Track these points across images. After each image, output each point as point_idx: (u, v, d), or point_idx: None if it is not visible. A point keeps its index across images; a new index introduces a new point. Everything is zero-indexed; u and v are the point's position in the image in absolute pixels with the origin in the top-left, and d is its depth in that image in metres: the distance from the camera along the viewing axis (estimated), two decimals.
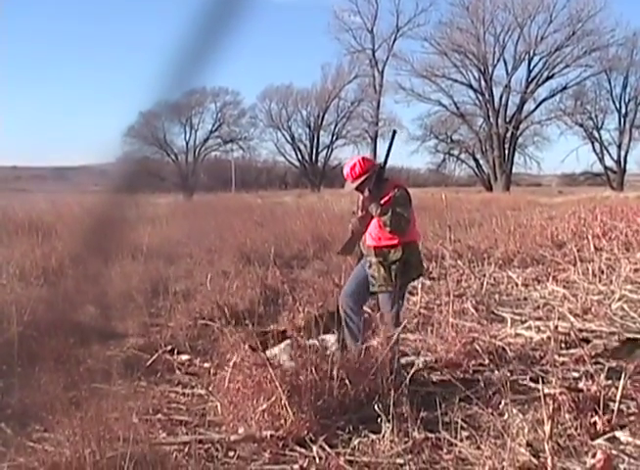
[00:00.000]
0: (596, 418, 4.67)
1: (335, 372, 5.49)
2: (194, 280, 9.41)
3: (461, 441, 4.91)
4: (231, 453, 4.90)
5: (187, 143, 68.67)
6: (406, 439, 4.94)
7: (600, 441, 4.90)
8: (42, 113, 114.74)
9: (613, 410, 5.21)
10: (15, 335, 6.60)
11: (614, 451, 4.63)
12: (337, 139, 71.34)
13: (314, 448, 4.89)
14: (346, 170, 6.37)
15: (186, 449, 4.83)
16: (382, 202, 6.22)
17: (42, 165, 72.69)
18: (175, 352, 7.29)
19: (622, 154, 62.48)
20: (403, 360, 6.60)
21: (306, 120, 71.70)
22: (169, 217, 18.26)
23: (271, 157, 75.54)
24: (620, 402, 5.35)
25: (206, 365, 6.72)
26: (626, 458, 4.62)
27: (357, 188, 6.35)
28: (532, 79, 61.20)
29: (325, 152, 71.60)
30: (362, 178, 6.29)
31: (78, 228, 11.20)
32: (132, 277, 10.21)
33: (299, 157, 71.64)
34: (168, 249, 13.17)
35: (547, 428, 3.17)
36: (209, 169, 71.56)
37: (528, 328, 8.01)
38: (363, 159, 6.46)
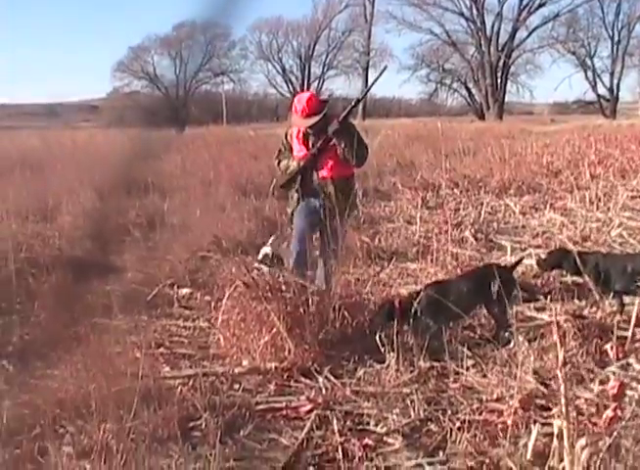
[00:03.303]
0: (607, 346, 4.62)
1: (334, 304, 5.46)
2: (190, 213, 9.29)
3: (467, 369, 4.91)
4: (236, 386, 4.90)
5: (177, 77, 67.80)
6: (412, 368, 4.94)
7: (612, 368, 4.90)
8: (32, 48, 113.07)
9: (618, 337, 5.19)
10: (12, 272, 6.53)
11: (625, 379, 4.61)
12: (328, 70, 70.43)
13: (320, 379, 4.89)
14: (301, 105, 6.20)
15: (190, 383, 4.81)
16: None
17: (32, 102, 71.63)
18: (175, 285, 7.25)
19: (615, 82, 61.89)
20: (404, 290, 6.59)
21: (297, 52, 70.70)
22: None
23: (262, 89, 74.48)
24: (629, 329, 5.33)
25: (207, 298, 6.67)
26: (638, 386, 4.61)
27: (314, 125, 6.25)
28: (524, 7, 60.16)
29: (316, 83, 70.75)
30: (319, 115, 6.17)
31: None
32: (128, 211, 10.12)
33: (291, 88, 70.72)
34: (163, 182, 13.04)
35: (560, 354, 3.11)
36: (200, 103, 70.80)
37: (529, 256, 7.97)
38: (314, 95, 6.50)
